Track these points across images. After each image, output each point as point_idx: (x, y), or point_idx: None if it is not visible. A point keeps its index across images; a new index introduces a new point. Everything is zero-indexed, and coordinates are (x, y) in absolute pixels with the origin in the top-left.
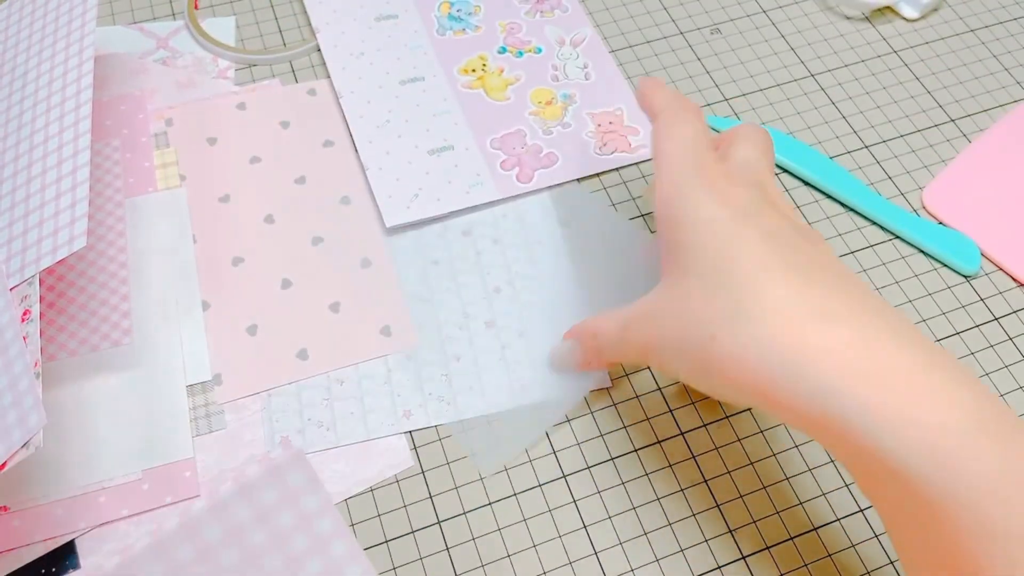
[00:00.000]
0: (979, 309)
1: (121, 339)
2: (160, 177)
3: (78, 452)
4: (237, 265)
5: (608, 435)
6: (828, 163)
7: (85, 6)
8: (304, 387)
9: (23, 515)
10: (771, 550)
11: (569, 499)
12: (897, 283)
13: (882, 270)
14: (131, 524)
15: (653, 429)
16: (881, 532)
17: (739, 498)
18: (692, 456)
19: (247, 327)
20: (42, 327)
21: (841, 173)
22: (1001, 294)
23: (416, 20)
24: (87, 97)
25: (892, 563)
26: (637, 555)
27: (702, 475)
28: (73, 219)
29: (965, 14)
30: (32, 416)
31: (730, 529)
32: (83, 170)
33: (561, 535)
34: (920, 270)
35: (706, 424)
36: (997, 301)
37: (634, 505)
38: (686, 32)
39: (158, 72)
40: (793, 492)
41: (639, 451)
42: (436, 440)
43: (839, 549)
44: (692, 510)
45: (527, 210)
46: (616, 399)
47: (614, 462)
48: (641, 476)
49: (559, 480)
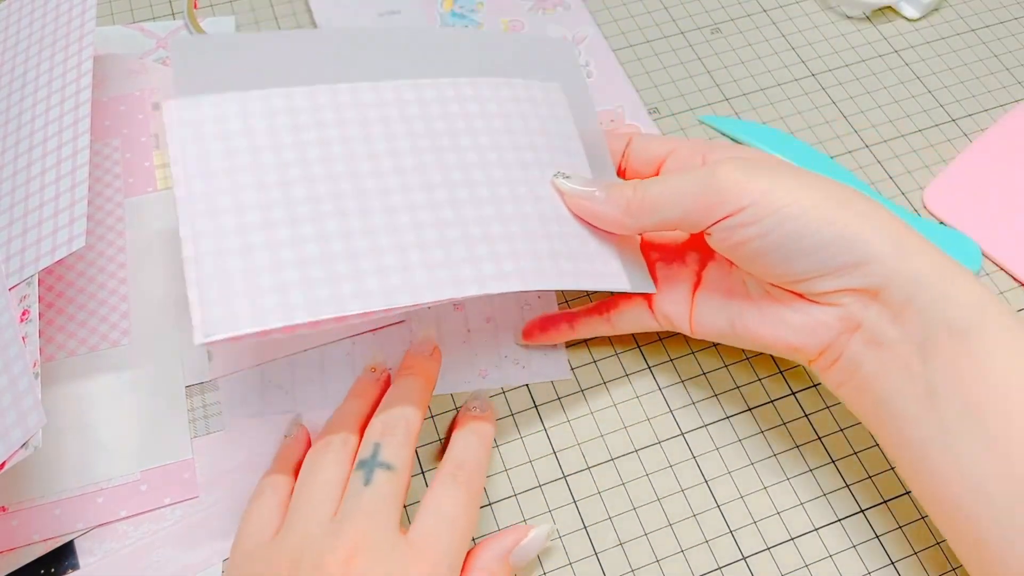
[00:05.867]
0: None
1: (120, 339)
2: (160, 177)
3: (76, 452)
4: None
5: (608, 435)
6: (829, 163)
7: (84, 6)
8: (296, 363)
9: (21, 515)
10: (771, 550)
11: (569, 499)
12: None
13: None
14: (130, 525)
15: (653, 429)
16: (882, 532)
17: (739, 498)
18: (692, 456)
19: None
20: (41, 327)
21: (842, 173)
22: (1001, 294)
23: (419, 16)
24: (86, 97)
25: (892, 563)
26: (637, 555)
27: (702, 476)
28: (72, 219)
29: (966, 14)
30: (31, 416)
31: (730, 529)
32: (82, 170)
33: (562, 535)
34: None
35: (706, 424)
36: None
37: (634, 505)
38: (686, 32)
39: (158, 72)
40: (793, 492)
41: (639, 451)
42: (436, 440)
43: (840, 550)
44: (692, 510)
45: None
46: (617, 399)
47: (614, 462)
48: (641, 476)
49: (559, 480)
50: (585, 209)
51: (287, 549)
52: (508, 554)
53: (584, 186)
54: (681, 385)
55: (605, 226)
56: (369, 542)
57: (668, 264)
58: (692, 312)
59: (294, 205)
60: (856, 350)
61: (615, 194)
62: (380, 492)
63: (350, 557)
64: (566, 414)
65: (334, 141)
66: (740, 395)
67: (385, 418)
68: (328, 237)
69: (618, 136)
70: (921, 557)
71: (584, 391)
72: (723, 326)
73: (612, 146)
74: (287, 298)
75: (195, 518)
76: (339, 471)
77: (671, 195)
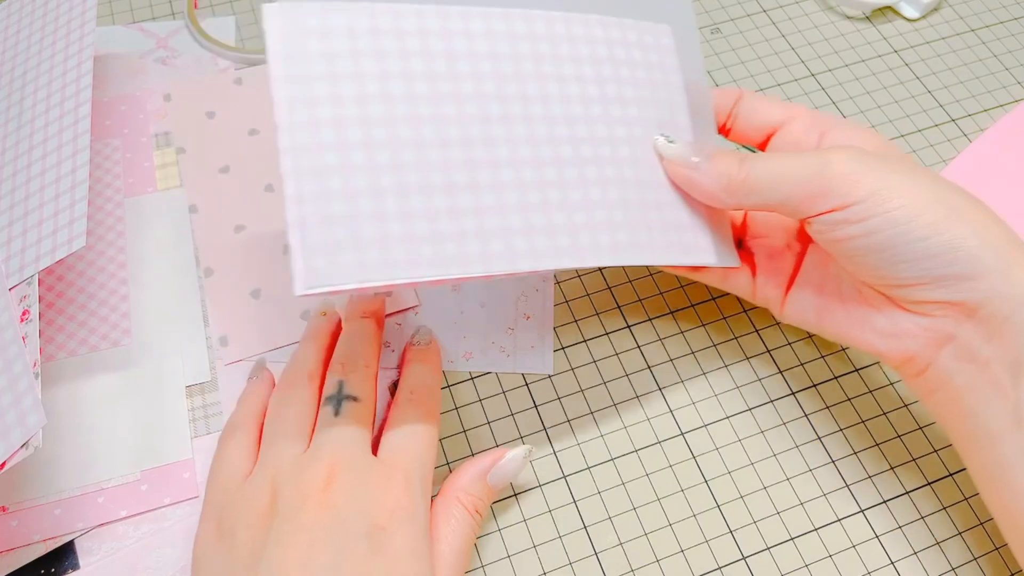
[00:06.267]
0: None
1: (120, 339)
2: (160, 177)
3: (77, 452)
4: (239, 232)
5: (608, 435)
6: None
7: (84, 6)
8: None
9: (21, 515)
10: (771, 550)
11: (569, 499)
12: None
13: None
14: (130, 524)
15: (653, 429)
16: (882, 532)
17: (739, 498)
18: (692, 456)
19: (251, 291)
20: (41, 327)
21: None
22: None
23: None
24: (86, 97)
25: (892, 563)
26: (637, 555)
27: (702, 475)
28: (72, 219)
29: (966, 14)
30: (31, 416)
31: (730, 529)
32: (82, 170)
33: (561, 535)
34: None
35: (706, 424)
36: None
37: (634, 505)
38: None
39: (158, 72)
40: (793, 492)
41: (639, 451)
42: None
43: (840, 550)
44: (692, 510)
45: None
46: (617, 400)
47: (614, 462)
48: (641, 476)
49: (559, 480)
50: (683, 177)
51: (266, 481)
52: (486, 475)
53: (686, 153)
54: (681, 385)
55: (701, 198)
56: (345, 464)
57: (771, 247)
58: (784, 299)
59: (400, 148)
60: (946, 363)
61: (717, 167)
62: (350, 421)
63: (330, 478)
64: (566, 414)
65: (442, 77)
66: (740, 395)
67: (344, 358)
68: (431, 190)
69: (726, 92)
70: (920, 557)
71: (584, 391)
72: (810, 319)
73: (718, 101)
74: (389, 255)
75: (195, 518)
76: (307, 407)
77: (777, 178)
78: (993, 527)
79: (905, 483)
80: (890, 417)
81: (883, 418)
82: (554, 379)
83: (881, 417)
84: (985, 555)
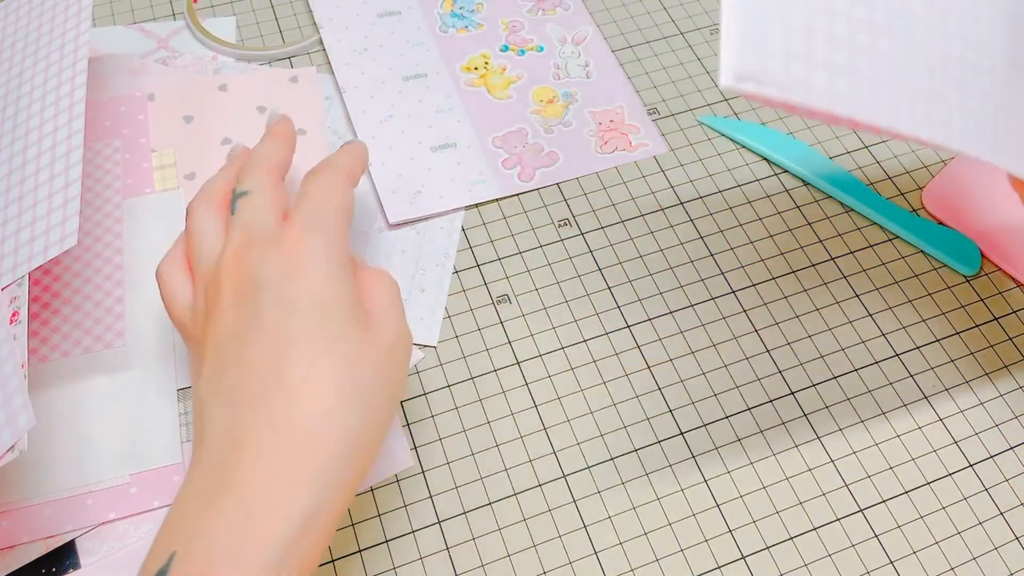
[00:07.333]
0: (979, 309)
1: (114, 341)
2: (158, 179)
3: (67, 454)
4: None
5: (608, 435)
6: (828, 163)
7: (80, 6)
8: None
9: (10, 516)
10: (771, 550)
11: (569, 499)
12: (897, 283)
13: (882, 270)
14: (131, 524)
15: (652, 428)
16: (881, 532)
17: (739, 498)
18: (692, 456)
19: None
20: (36, 327)
21: (841, 173)
22: (1001, 294)
23: (419, 17)
24: (80, 96)
25: (892, 563)
26: (637, 555)
27: (702, 475)
28: (64, 218)
29: None
30: (21, 417)
31: (729, 529)
32: (75, 169)
33: (561, 535)
34: (920, 270)
35: (706, 424)
36: (997, 301)
37: (634, 505)
38: (686, 32)
39: (158, 72)
40: (793, 492)
41: (639, 451)
42: (436, 440)
43: (839, 549)
44: (692, 510)
45: None
46: (616, 399)
47: (614, 462)
48: (641, 476)
49: (559, 480)
50: None
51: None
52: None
53: None
54: (681, 385)
55: None
56: (251, 237)
57: None
58: None
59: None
60: None
61: None
62: (247, 209)
63: (238, 252)
64: (566, 414)
65: None
66: (739, 395)
67: (243, 167)
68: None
69: None
70: (920, 557)
71: (584, 391)
72: None
73: None
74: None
75: None
76: (215, 220)
77: None
78: (993, 527)
79: (905, 482)
80: (889, 417)
81: (882, 418)
82: (553, 377)
83: (881, 417)
84: (985, 555)
